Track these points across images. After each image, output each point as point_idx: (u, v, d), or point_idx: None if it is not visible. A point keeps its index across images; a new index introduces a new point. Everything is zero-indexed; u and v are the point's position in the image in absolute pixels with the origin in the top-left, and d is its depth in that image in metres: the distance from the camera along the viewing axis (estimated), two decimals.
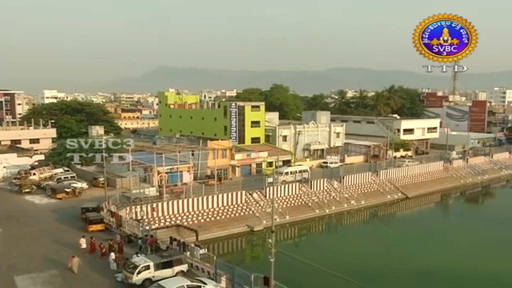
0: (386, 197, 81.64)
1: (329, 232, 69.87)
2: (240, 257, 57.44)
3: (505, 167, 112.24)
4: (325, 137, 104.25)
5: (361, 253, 55.82)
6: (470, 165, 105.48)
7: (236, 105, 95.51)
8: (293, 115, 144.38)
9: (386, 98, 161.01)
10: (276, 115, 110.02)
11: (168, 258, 37.21)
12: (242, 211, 64.39)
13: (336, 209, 72.77)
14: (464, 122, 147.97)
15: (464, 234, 65.88)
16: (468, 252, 57.32)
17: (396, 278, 47.80)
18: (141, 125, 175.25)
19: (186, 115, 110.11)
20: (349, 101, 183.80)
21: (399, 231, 69.35)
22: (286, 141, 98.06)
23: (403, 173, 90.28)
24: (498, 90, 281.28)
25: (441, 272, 50.08)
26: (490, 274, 49.66)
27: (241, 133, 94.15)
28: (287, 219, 65.99)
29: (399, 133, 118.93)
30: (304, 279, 43.76)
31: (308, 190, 74.28)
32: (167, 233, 52.45)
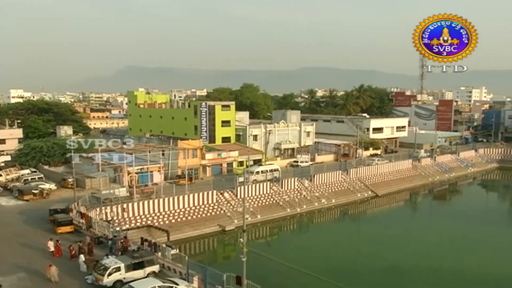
0: (356, 196, 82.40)
1: (300, 231, 70.18)
2: (212, 257, 57.32)
3: (471, 165, 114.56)
4: (296, 136, 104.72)
5: (332, 251, 56.34)
6: (437, 163, 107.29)
7: (207, 104, 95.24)
8: (263, 114, 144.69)
9: (355, 97, 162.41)
10: (246, 114, 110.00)
11: (139, 259, 36.85)
12: (213, 211, 64.20)
13: (307, 207, 73.16)
14: (432, 121, 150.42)
15: (432, 231, 67.02)
16: (436, 249, 58.34)
17: (366, 275, 48.28)
18: (111, 125, 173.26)
19: (156, 115, 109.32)
20: (319, 100, 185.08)
21: (370, 229, 70.03)
22: (256, 141, 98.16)
23: (372, 171, 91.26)
24: (464, 89, 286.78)
25: (410, 269, 50.90)
26: (457, 269, 50.76)
27: (211, 132, 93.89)
28: (258, 218, 66.07)
29: (369, 132, 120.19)
30: (277, 277, 43.87)
31: (279, 189, 74.46)
32: (138, 234, 52.08)
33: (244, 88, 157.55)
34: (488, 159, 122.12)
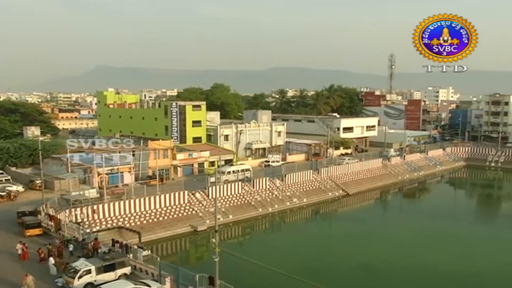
0: (327, 195, 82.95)
1: (272, 230, 70.34)
2: (185, 257, 56.96)
3: (439, 164, 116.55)
4: (267, 136, 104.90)
5: (304, 250, 56.56)
6: (407, 162, 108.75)
7: (177, 104, 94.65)
8: (234, 114, 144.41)
9: (326, 97, 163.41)
10: (217, 114, 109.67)
11: (110, 261, 36.38)
12: (185, 211, 63.89)
13: (279, 207, 73.36)
14: (401, 120, 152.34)
15: (402, 229, 67.95)
16: (406, 246, 59.14)
17: (338, 273, 48.69)
18: (80, 125, 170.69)
19: (126, 115, 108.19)
20: (290, 100, 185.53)
21: (341, 227, 70.68)
22: (227, 141, 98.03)
23: (343, 170, 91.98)
24: (431, 89, 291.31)
25: (382, 266, 51.45)
26: (426, 266, 51.35)
27: (182, 132, 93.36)
28: (230, 218, 65.99)
29: (339, 131, 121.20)
30: (249, 277, 43.86)
31: (251, 189, 74.51)
32: (109, 235, 51.49)
33: (215, 88, 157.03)
34: (455, 158, 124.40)
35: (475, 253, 56.93)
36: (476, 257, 55.29)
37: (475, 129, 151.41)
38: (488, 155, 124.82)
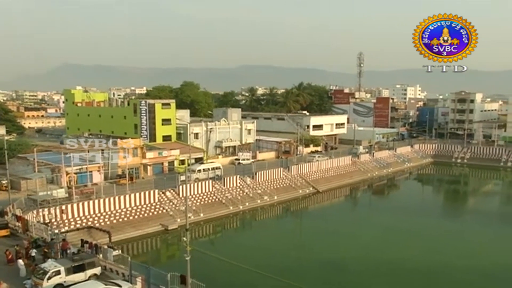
0: (298, 192, 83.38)
1: (243, 228, 70.38)
2: (156, 257, 56.53)
3: (408, 160, 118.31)
4: (237, 134, 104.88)
5: (275, 247, 56.77)
6: (376, 159, 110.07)
7: (146, 102, 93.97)
8: (204, 112, 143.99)
9: (295, 95, 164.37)
10: (187, 112, 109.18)
11: (80, 261, 35.96)
12: (155, 210, 63.45)
13: (249, 205, 73.42)
14: (370, 118, 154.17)
15: (372, 225, 68.68)
16: (376, 242, 59.92)
17: (310, 270, 48.92)
18: (47, 124, 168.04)
19: (94, 114, 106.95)
20: (260, 98, 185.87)
21: (312, 224, 71.14)
22: (198, 139, 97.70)
23: (313, 168, 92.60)
24: (399, 87, 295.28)
25: (352, 262, 52.04)
26: (395, 261, 52.30)
27: (152, 131, 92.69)
28: (201, 216, 65.77)
29: (309, 129, 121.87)
30: (221, 275, 43.81)
31: (221, 187, 74.44)
32: (78, 236, 50.85)
33: (185, 86, 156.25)
34: (423, 154, 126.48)
35: (442, 247, 58.00)
36: (443, 251, 56.38)
37: (442, 126, 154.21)
38: (454, 151, 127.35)
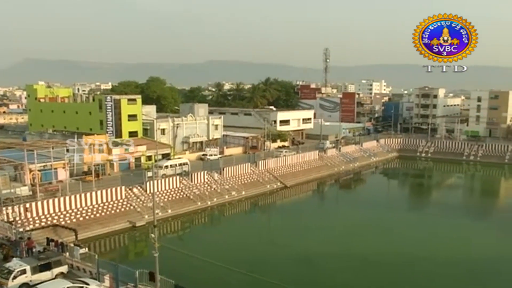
0: (266, 187, 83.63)
1: (212, 224, 70.28)
2: (124, 254, 56.15)
3: (374, 155, 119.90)
4: (204, 130, 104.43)
5: (244, 243, 56.97)
6: (342, 153, 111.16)
7: (112, 98, 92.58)
8: (171, 108, 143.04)
9: (262, 90, 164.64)
10: (153, 108, 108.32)
11: (46, 260, 35.44)
12: (122, 207, 62.79)
13: (217, 200, 73.33)
14: (336, 113, 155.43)
15: (339, 219, 69.50)
16: (343, 235, 60.64)
17: (279, 264, 49.18)
18: (9, 120, 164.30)
19: (58, 109, 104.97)
20: (227, 93, 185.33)
21: (280, 219, 71.56)
22: (164, 134, 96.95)
23: (281, 163, 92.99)
24: (365, 82, 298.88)
25: (320, 256, 52.58)
26: (363, 254, 52.89)
27: (118, 127, 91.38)
28: (169, 212, 65.39)
29: (276, 124, 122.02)
30: (191, 271, 43.68)
31: (189, 183, 74.18)
32: (43, 234, 50.02)
33: (151, 82, 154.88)
34: (388, 149, 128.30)
35: (407, 239, 59.23)
36: (408, 243, 57.65)
37: (407, 121, 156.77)
38: (419, 146, 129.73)
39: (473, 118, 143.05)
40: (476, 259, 52.35)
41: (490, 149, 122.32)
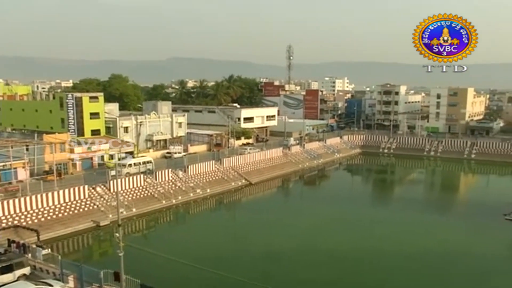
0: (230, 184, 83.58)
1: (177, 222, 69.85)
2: (88, 254, 55.27)
3: (337, 151, 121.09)
4: (168, 127, 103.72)
5: (210, 240, 56.74)
6: (306, 150, 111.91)
7: (73, 96, 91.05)
8: (133, 105, 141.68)
9: (226, 87, 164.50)
10: (116, 106, 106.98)
11: (7, 262, 34.74)
12: (86, 207, 61.81)
13: (182, 198, 72.93)
14: (300, 110, 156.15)
15: (305, 215, 69.89)
16: (309, 231, 61.07)
17: (245, 261, 49.29)
18: None
19: (17, 108, 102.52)
20: (190, 91, 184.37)
21: (246, 216, 71.56)
22: (127, 133, 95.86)
23: (245, 160, 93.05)
24: (328, 79, 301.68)
25: (287, 252, 52.77)
26: (328, 249, 53.55)
27: (79, 125, 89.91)
28: (134, 211, 64.73)
29: (240, 121, 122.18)
30: (157, 270, 43.26)
31: (153, 181, 73.54)
32: (4, 235, 48.93)
33: (113, 79, 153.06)
34: (351, 145, 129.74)
35: (371, 234, 60.09)
36: (372, 237, 58.45)
37: (369, 117, 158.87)
38: (381, 142, 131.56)
39: (433, 114, 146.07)
40: (436, 253, 53.28)
41: (449, 145, 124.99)
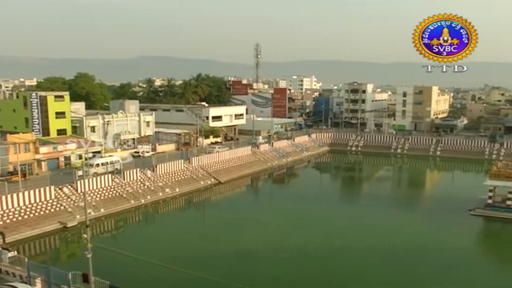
0: (199, 183, 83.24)
1: (147, 222, 69.15)
2: (56, 256, 54.31)
3: (306, 149, 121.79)
4: (135, 127, 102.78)
5: (181, 239, 56.52)
6: (275, 148, 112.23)
7: (37, 95, 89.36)
8: (100, 104, 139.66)
9: (194, 86, 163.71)
10: (82, 105, 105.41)
11: None
12: (52, 208, 60.73)
13: (151, 198, 72.31)
14: (268, 109, 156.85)
15: (274, 213, 70.24)
16: (278, 229, 61.26)
17: (215, 260, 49.06)
18: None
19: None
20: (158, 89, 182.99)
21: (215, 215, 71.27)
22: (94, 132, 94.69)
23: (214, 159, 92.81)
24: (296, 78, 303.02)
25: (257, 250, 52.90)
26: (298, 246, 53.84)
27: (45, 125, 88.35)
28: (102, 212, 63.85)
29: (208, 120, 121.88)
30: (126, 271, 42.89)
31: (122, 181, 72.78)
32: None
33: (79, 78, 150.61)
34: (320, 143, 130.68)
35: (340, 231, 60.69)
36: (341, 234, 58.99)
37: (337, 116, 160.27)
38: (349, 140, 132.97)
39: (399, 112, 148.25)
40: (405, 248, 54.23)
41: (415, 142, 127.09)
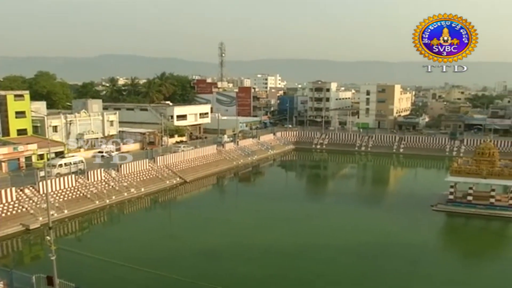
0: (165, 183, 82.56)
1: (112, 223, 68.08)
2: (18, 259, 52.88)
3: (271, 148, 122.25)
4: (99, 126, 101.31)
5: (147, 240, 55.83)
6: (240, 147, 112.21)
7: None
8: (62, 104, 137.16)
9: (158, 85, 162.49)
10: (43, 104, 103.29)
11: None
12: (13, 210, 59.17)
13: (116, 198, 71.36)
14: (233, 107, 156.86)
15: (241, 211, 70.32)
16: (245, 227, 61.20)
17: (182, 259, 48.76)
18: None
19: None
20: (121, 88, 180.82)
21: (181, 214, 70.88)
22: (57, 132, 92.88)
23: (179, 158, 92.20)
24: (260, 77, 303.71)
25: (224, 248, 52.64)
26: (265, 245, 53.70)
27: (4, 124, 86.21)
28: (65, 213, 62.64)
29: (173, 119, 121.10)
30: (92, 273, 42.18)
31: (85, 181, 71.51)
32: None
33: (39, 76, 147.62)
34: (285, 142, 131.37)
35: (307, 228, 60.93)
36: (308, 232, 59.25)
37: (302, 114, 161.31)
38: (314, 138, 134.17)
39: (363, 110, 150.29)
40: (369, 244, 54.61)
41: (379, 140, 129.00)
